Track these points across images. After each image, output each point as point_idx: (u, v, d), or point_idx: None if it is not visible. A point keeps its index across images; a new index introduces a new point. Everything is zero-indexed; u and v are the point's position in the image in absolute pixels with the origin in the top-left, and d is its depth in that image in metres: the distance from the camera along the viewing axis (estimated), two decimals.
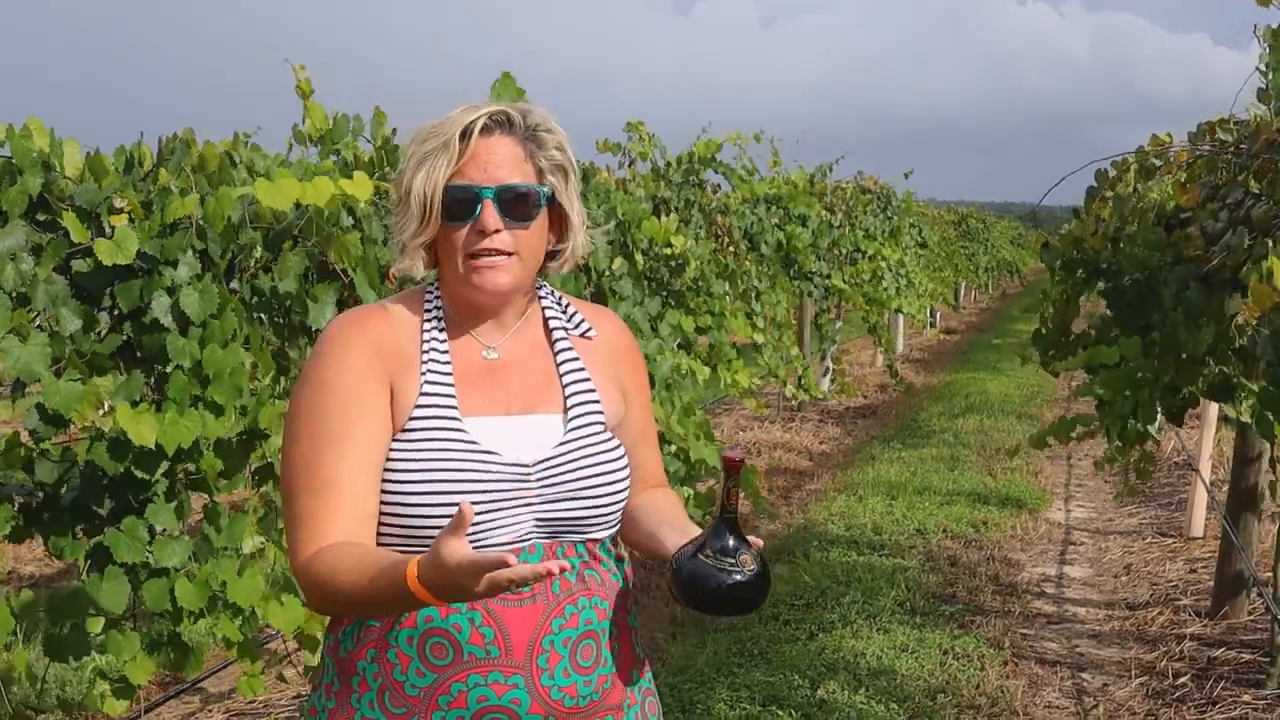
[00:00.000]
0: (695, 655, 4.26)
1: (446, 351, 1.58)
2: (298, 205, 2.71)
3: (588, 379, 1.64)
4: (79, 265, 2.39)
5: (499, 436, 1.54)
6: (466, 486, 1.49)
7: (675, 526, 1.62)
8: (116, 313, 2.48)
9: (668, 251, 4.83)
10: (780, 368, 6.99)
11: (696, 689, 3.97)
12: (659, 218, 5.11)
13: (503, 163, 1.53)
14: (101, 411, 2.37)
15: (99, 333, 2.42)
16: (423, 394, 1.53)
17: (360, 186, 2.70)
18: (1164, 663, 4.29)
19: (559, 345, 1.65)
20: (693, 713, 3.81)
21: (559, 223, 1.62)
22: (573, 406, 1.60)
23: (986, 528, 6.21)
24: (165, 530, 2.50)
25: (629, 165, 5.67)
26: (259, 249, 2.77)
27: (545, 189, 1.57)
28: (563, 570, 1.30)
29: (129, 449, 2.40)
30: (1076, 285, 3.84)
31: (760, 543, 1.53)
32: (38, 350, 2.23)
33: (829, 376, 11.23)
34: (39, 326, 2.30)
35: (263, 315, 2.73)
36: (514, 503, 1.52)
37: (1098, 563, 5.74)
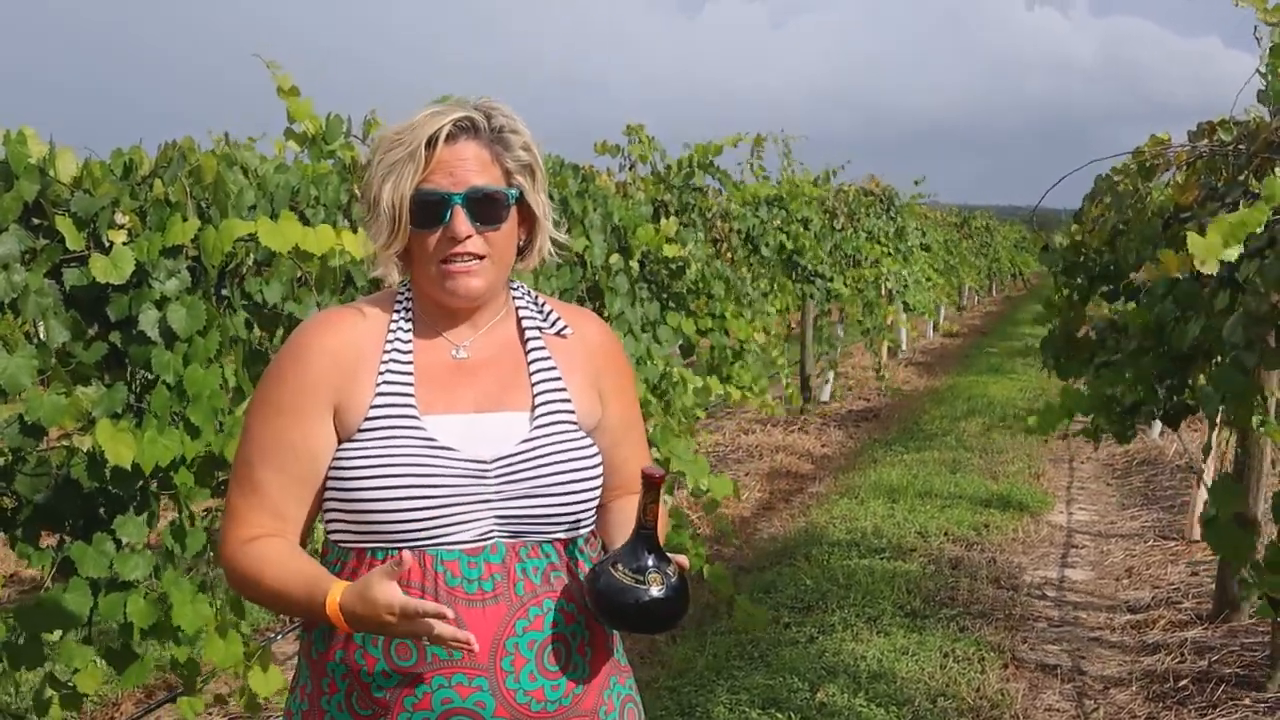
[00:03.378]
0: (695, 658, 4.25)
1: (410, 351, 1.59)
2: (294, 203, 2.72)
3: (558, 377, 1.62)
4: (71, 275, 2.38)
5: (461, 434, 1.54)
6: (421, 482, 1.49)
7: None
8: (103, 320, 2.47)
9: (667, 253, 4.83)
10: (761, 378, 6.96)
11: (696, 692, 3.96)
12: (659, 221, 5.10)
13: (471, 167, 1.54)
14: (79, 425, 2.36)
15: (85, 340, 2.41)
16: (378, 394, 1.55)
17: (358, 244, 2.71)
18: (1165, 666, 4.27)
19: (531, 343, 1.64)
20: (692, 715, 3.80)
21: (527, 220, 1.62)
22: (540, 404, 1.59)
23: (988, 531, 6.19)
24: (130, 544, 2.48)
25: (629, 169, 5.67)
26: (253, 255, 2.77)
27: (514, 190, 1.57)
28: (468, 645, 1.43)
29: (106, 465, 2.39)
30: (1080, 291, 3.83)
31: (684, 561, 1.53)
32: (24, 362, 2.21)
33: (830, 382, 11.22)
34: (26, 336, 2.28)
35: (251, 319, 2.74)
36: (471, 500, 1.51)
37: (1099, 566, 5.72)
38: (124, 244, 2.38)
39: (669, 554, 1.52)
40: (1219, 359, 3.03)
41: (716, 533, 6.11)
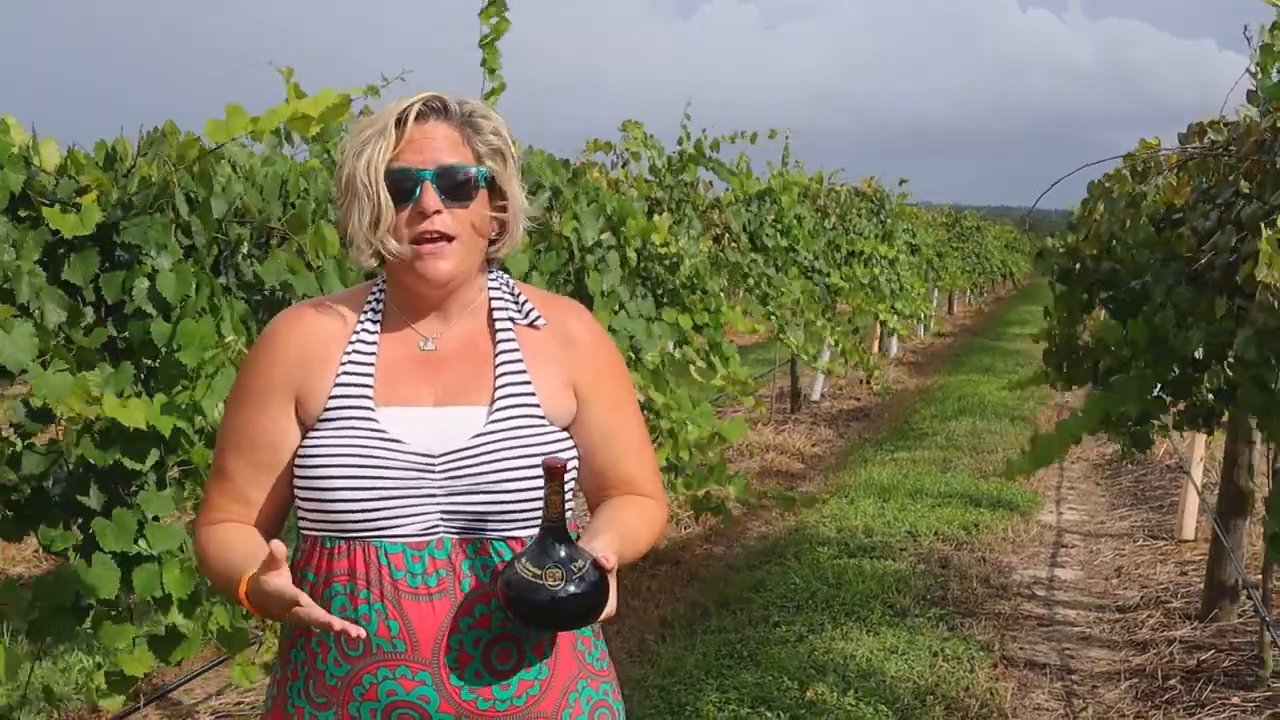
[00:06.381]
0: (684, 657, 4.25)
1: (374, 343, 1.59)
2: (282, 194, 2.71)
3: (523, 370, 1.60)
4: (69, 271, 2.39)
5: (416, 427, 1.54)
6: (366, 474, 1.50)
7: (593, 532, 1.56)
8: (102, 308, 2.47)
9: (662, 251, 4.82)
10: (810, 347, 6.98)
11: (685, 691, 3.96)
12: (652, 218, 5.09)
13: (440, 146, 1.54)
14: (88, 404, 2.36)
15: (85, 327, 2.41)
16: (337, 384, 1.56)
17: (320, 103, 2.50)
18: (1154, 665, 4.28)
19: (500, 335, 1.62)
20: (681, 714, 3.79)
21: (499, 208, 1.61)
22: (500, 398, 1.57)
23: (978, 530, 6.20)
24: (157, 518, 2.48)
25: (622, 166, 5.66)
26: (246, 245, 2.77)
27: (483, 170, 1.57)
28: (357, 635, 1.45)
29: (116, 440, 2.38)
30: (1079, 300, 3.82)
31: (607, 559, 1.45)
32: (23, 340, 2.20)
33: (823, 380, 11.23)
34: (24, 316, 2.28)
35: (251, 298, 2.74)
36: (416, 494, 1.51)
37: (1089, 565, 5.73)
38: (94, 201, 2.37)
39: (582, 547, 1.47)
40: (1227, 364, 3.02)
41: (707, 531, 6.11)
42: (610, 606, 1.46)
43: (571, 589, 1.41)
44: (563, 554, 1.43)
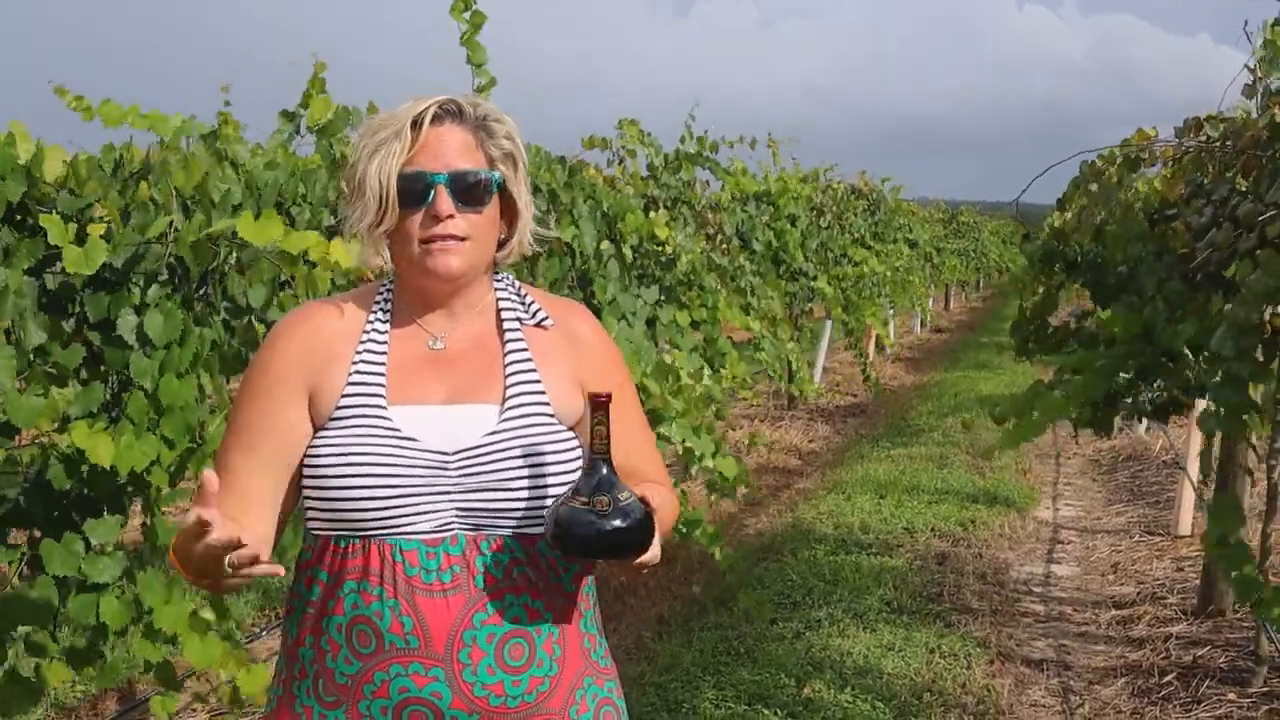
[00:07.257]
0: (681, 654, 4.25)
1: (385, 342, 1.60)
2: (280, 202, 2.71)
3: (533, 369, 1.61)
4: (52, 280, 2.37)
5: (428, 425, 1.54)
6: (383, 472, 1.50)
7: None
8: (83, 320, 2.46)
9: (659, 249, 4.82)
10: (776, 363, 6.99)
11: (682, 688, 3.96)
12: (648, 215, 5.09)
13: (454, 150, 1.55)
14: (55, 425, 2.34)
15: (63, 341, 2.40)
16: (350, 383, 1.56)
17: (341, 253, 2.67)
18: (1150, 661, 4.29)
19: (509, 335, 1.63)
20: (678, 712, 3.80)
21: (508, 211, 1.63)
22: (511, 396, 1.58)
23: (974, 526, 6.21)
24: (101, 546, 2.46)
25: (618, 163, 5.65)
26: (235, 254, 2.76)
27: (496, 175, 1.58)
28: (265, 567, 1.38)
29: (81, 466, 2.38)
30: (1056, 277, 3.83)
31: (649, 495, 1.49)
32: (3, 363, 2.20)
33: (820, 376, 11.22)
34: (6, 334, 2.27)
35: (230, 321, 2.73)
36: (431, 491, 1.52)
37: (1085, 561, 5.74)
38: (101, 237, 2.37)
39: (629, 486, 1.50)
40: (1203, 359, 3.02)
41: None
42: (655, 549, 1.48)
43: (617, 522, 1.44)
44: (609, 478, 1.46)
